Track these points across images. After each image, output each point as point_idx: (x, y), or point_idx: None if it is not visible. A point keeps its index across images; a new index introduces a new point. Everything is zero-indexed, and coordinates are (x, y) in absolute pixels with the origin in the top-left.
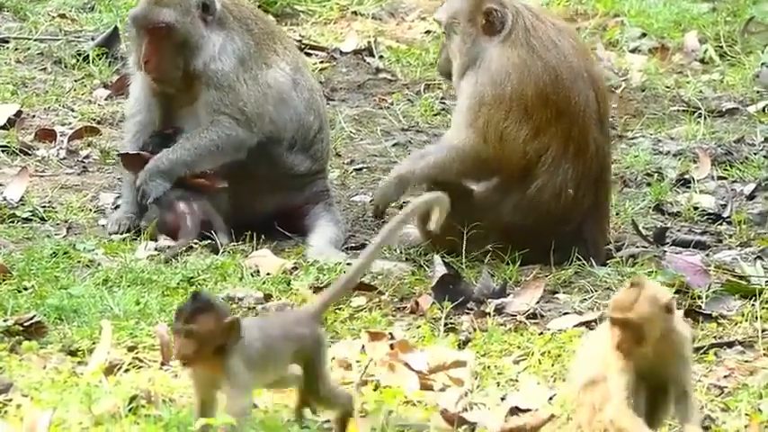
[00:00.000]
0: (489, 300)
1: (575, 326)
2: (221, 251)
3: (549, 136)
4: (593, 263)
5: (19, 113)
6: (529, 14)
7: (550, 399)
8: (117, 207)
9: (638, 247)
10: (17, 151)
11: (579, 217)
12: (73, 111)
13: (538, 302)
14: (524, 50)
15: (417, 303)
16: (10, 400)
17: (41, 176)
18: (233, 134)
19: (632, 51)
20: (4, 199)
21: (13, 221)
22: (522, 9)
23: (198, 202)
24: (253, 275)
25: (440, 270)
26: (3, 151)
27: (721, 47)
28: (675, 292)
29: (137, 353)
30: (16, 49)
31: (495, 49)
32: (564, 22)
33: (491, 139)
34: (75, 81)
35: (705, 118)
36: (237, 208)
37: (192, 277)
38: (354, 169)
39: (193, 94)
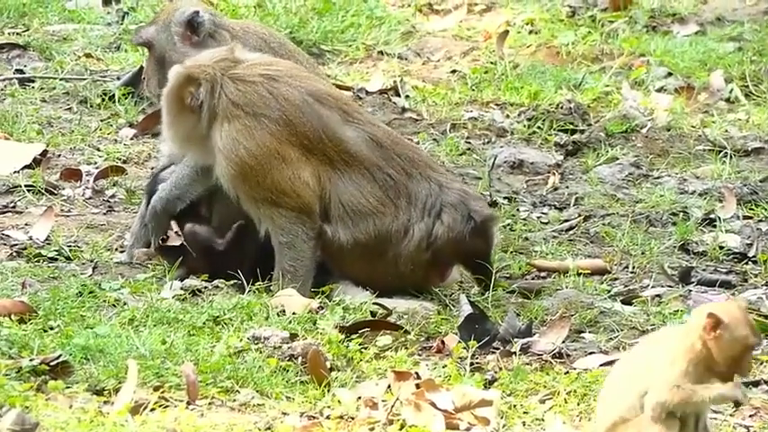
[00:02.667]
0: (515, 339)
1: (600, 365)
2: (247, 291)
3: (311, 169)
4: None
5: (45, 153)
6: (232, 85)
7: None
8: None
9: (663, 286)
10: (43, 191)
11: (403, 182)
12: (99, 150)
13: (564, 342)
14: (240, 118)
15: (443, 343)
16: None
17: (67, 216)
18: None
19: (658, 91)
20: (30, 238)
21: (38, 261)
22: (225, 81)
23: (201, 228)
24: (278, 315)
25: (466, 309)
26: (29, 191)
27: (747, 86)
28: None
29: (163, 392)
30: (42, 89)
31: (214, 131)
32: (278, 64)
33: (273, 199)
34: (101, 120)
35: (731, 157)
36: (266, 250)
37: (217, 316)
38: None
39: None
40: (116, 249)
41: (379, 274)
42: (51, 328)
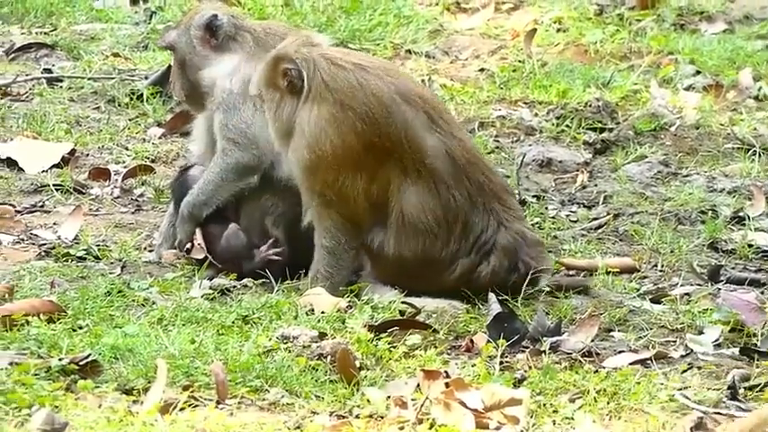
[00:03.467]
0: (544, 338)
1: (630, 364)
2: (276, 290)
3: (384, 173)
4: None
5: (73, 152)
6: (325, 64)
7: None
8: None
9: (692, 284)
10: (71, 190)
11: (465, 209)
12: (127, 149)
13: (593, 340)
14: (330, 104)
15: (472, 342)
16: None
17: (95, 215)
18: (233, 161)
19: (686, 89)
20: (59, 238)
21: (67, 260)
22: (319, 60)
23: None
24: (307, 314)
25: (495, 308)
26: (57, 190)
27: None
28: (730, 331)
29: (192, 392)
30: (70, 88)
31: (303, 110)
32: (369, 56)
33: (333, 202)
34: (129, 120)
35: (760, 155)
36: (294, 251)
37: (246, 316)
38: None
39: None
40: (145, 249)
41: (409, 285)
42: (80, 328)
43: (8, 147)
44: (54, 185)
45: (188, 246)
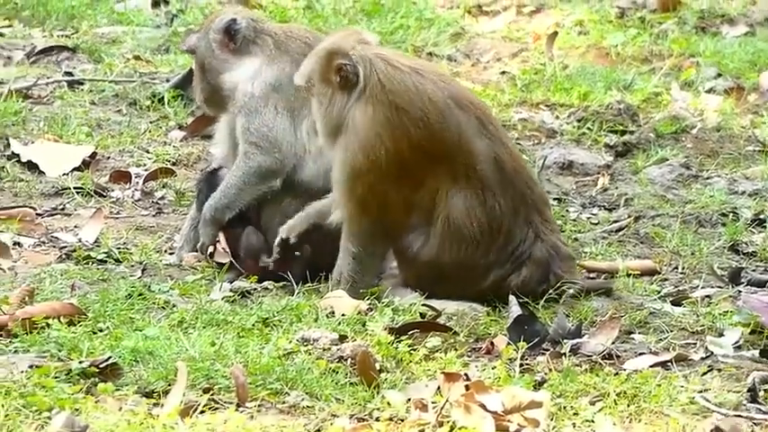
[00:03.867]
0: (565, 340)
1: (650, 366)
2: (296, 292)
3: (434, 178)
4: (558, 264)
5: (94, 155)
6: (382, 64)
7: None
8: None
9: (713, 287)
10: (92, 193)
11: (508, 219)
12: (148, 152)
13: (613, 343)
14: (386, 106)
15: (492, 344)
16: None
17: (116, 218)
18: (255, 164)
19: (707, 92)
20: (80, 240)
21: (88, 263)
22: (375, 59)
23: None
24: (328, 317)
25: (515, 311)
26: (78, 193)
27: None
28: (750, 333)
29: (212, 394)
30: (91, 91)
31: (356, 109)
32: (420, 60)
33: (372, 208)
34: (151, 123)
35: None
36: (317, 254)
37: (267, 318)
38: None
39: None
40: (165, 251)
41: (438, 291)
42: (101, 331)
43: (29, 150)
44: (75, 188)
45: (210, 249)
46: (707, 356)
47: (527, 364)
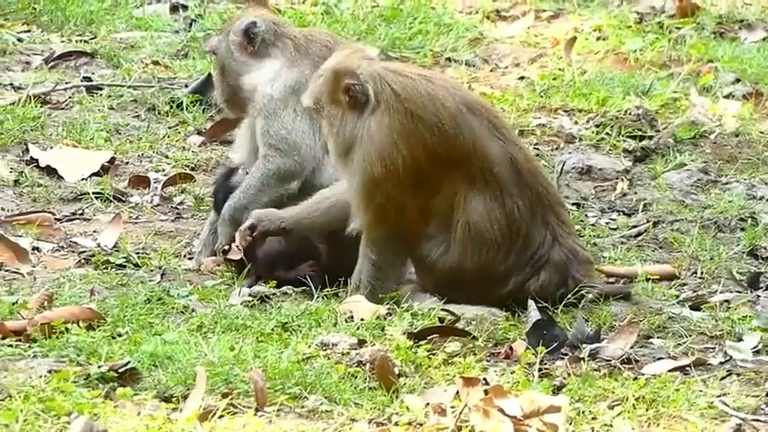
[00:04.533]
0: (583, 345)
1: (669, 371)
2: (315, 297)
3: (451, 183)
4: (577, 270)
5: (113, 160)
6: (392, 75)
7: None
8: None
9: (731, 291)
10: (111, 198)
11: (527, 221)
12: (167, 157)
13: (632, 347)
14: (401, 114)
15: (511, 349)
16: None
17: (135, 223)
18: (274, 167)
19: (726, 97)
20: (99, 245)
21: (107, 268)
22: (384, 73)
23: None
24: (347, 321)
25: (534, 315)
26: (97, 198)
27: None
28: None
29: (231, 399)
30: (110, 96)
31: (370, 122)
32: (428, 71)
33: (390, 216)
34: (169, 128)
35: None
36: (335, 258)
37: (286, 323)
38: None
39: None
40: (184, 256)
41: (458, 297)
42: (120, 335)
43: (48, 155)
44: (94, 193)
45: (225, 247)
46: (726, 361)
47: (546, 369)
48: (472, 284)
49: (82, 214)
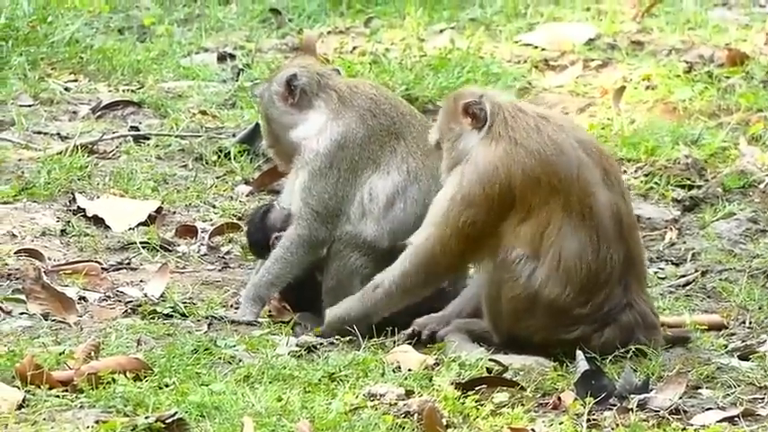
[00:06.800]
0: (632, 395)
1: (718, 422)
2: (363, 347)
3: (546, 212)
4: (645, 335)
5: (160, 210)
6: (509, 106)
7: None
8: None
9: None
10: (158, 248)
11: (615, 277)
12: (214, 207)
13: (681, 398)
14: (506, 142)
15: (560, 399)
16: None
17: (182, 272)
18: (306, 234)
19: None
20: (146, 295)
21: (153, 318)
22: (503, 103)
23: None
24: (394, 371)
25: (582, 365)
26: (144, 247)
27: None
28: None
29: None
30: (157, 146)
31: (480, 146)
32: (547, 110)
33: (453, 242)
34: (217, 178)
35: None
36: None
37: (333, 373)
38: None
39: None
40: (231, 306)
41: (515, 326)
42: (167, 386)
43: (95, 204)
44: (141, 243)
45: (269, 309)
46: None
47: (594, 420)
48: (540, 318)
49: (129, 264)
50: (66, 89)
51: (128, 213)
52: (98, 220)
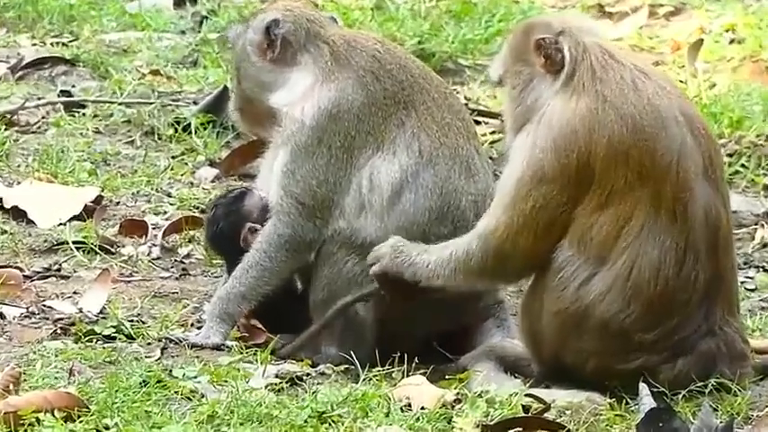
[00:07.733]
0: None
1: None
2: (362, 378)
3: (631, 202)
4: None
5: (99, 200)
6: (598, 51)
7: None
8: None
9: None
10: (96, 249)
11: (696, 300)
12: (169, 196)
13: None
14: (591, 97)
15: None
16: None
17: (128, 282)
18: (287, 233)
19: None
20: (80, 311)
21: (91, 340)
22: (590, 44)
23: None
24: (403, 410)
25: (647, 402)
26: (78, 248)
27: None
28: None
29: None
30: (95, 116)
31: (556, 99)
32: (650, 65)
33: (522, 234)
34: (173, 158)
35: None
36: (388, 330)
37: (323, 412)
38: None
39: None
40: (192, 325)
41: (561, 343)
42: (107, 428)
43: (15, 193)
44: (74, 243)
45: (238, 330)
46: None
47: None
48: (590, 341)
49: (59, 270)
50: None
51: (58, 205)
52: (19, 214)
